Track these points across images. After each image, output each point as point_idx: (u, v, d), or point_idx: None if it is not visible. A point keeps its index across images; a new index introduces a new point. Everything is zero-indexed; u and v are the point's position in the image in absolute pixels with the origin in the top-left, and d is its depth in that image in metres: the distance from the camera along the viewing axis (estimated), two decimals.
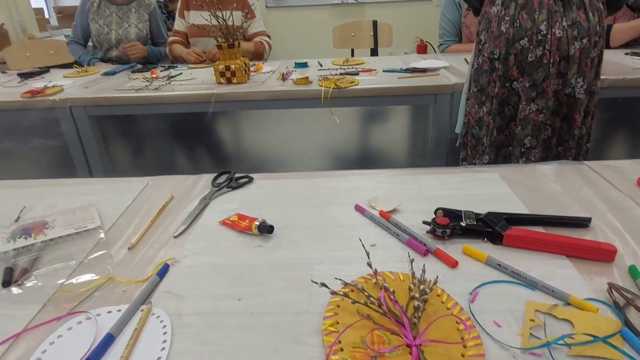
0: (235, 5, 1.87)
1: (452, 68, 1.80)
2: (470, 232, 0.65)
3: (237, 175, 0.89)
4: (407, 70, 1.81)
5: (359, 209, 0.75)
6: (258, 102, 1.65)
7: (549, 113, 1.21)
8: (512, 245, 0.62)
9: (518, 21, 1.16)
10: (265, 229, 0.68)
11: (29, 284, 0.59)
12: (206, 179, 0.91)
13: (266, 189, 0.85)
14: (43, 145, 1.72)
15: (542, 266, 0.58)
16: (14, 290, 0.58)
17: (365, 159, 2.27)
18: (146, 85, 1.75)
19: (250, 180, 0.88)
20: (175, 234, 0.71)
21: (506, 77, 1.22)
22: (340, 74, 1.82)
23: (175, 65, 2.23)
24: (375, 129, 2.31)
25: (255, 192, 0.84)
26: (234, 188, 0.85)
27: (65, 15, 4.46)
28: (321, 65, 2.06)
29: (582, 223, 0.66)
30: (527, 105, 1.20)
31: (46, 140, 1.71)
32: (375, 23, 2.97)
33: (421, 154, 2.08)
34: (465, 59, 1.95)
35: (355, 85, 1.64)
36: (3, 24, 3.51)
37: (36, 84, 1.85)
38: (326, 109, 1.64)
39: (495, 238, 0.63)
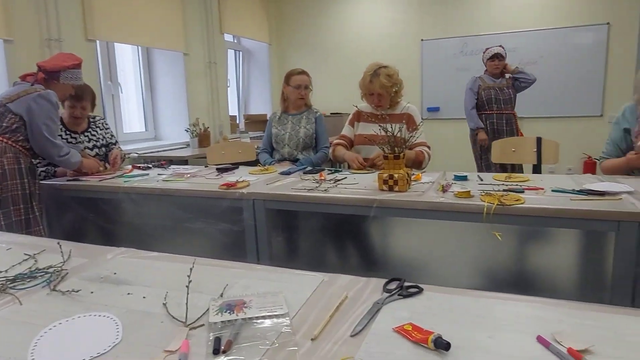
0: (403, 121, 2.05)
1: (639, 194, 1.63)
2: None
3: (407, 284, 0.92)
4: (581, 192, 1.70)
5: (542, 341, 0.70)
6: (418, 211, 1.70)
7: None
8: None
9: None
10: (442, 345, 0.68)
11: (233, 356, 0.68)
12: (376, 283, 0.95)
13: (436, 302, 0.85)
14: (226, 229, 2.01)
15: None
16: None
17: (521, 282, 2.08)
18: (316, 187, 1.96)
19: (421, 290, 0.90)
20: (352, 333, 0.75)
21: None
22: (504, 190, 1.79)
23: (340, 169, 2.47)
24: (536, 251, 2.14)
25: (426, 303, 0.85)
26: (404, 296, 0.88)
27: (251, 121, 5.36)
28: (482, 180, 2.06)
29: None
30: None
31: (229, 225, 2.00)
32: (539, 140, 2.90)
33: (595, 287, 1.84)
34: None
35: (521, 203, 1.59)
36: (208, 127, 4.39)
37: (229, 178, 2.23)
38: (485, 224, 1.61)
39: None
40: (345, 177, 2.17)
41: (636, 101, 2.05)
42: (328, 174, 2.29)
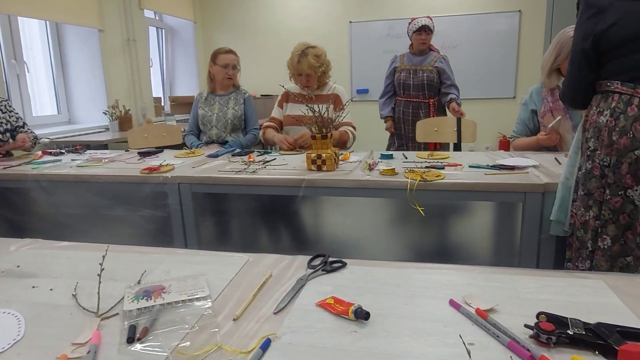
0: (330, 102, 2.07)
1: (543, 167, 1.78)
2: (577, 343, 0.62)
3: (331, 259, 0.93)
4: (494, 167, 1.82)
5: (454, 304, 0.75)
6: (346, 189, 1.73)
7: None
8: None
9: (631, 132, 1.16)
10: (362, 315, 0.70)
11: (149, 343, 0.65)
12: (301, 260, 0.96)
13: (359, 275, 0.88)
14: (150, 215, 1.92)
15: None
16: (138, 347, 0.64)
17: (443, 252, 2.22)
18: (245, 168, 1.93)
19: (344, 265, 0.91)
20: (275, 311, 0.75)
21: (618, 185, 1.19)
22: (426, 167, 1.87)
23: (269, 150, 2.44)
24: (456, 223, 2.28)
25: (349, 277, 0.87)
26: (328, 271, 0.89)
27: (177, 103, 5.12)
28: (406, 158, 2.13)
29: None
30: None
31: (153, 211, 1.91)
32: (459, 120, 3.05)
33: (507, 253, 2.00)
34: (556, 158, 1.93)
35: (442, 179, 1.67)
36: (129, 110, 4.12)
37: (152, 162, 2.12)
38: (410, 200, 1.68)
39: (608, 352, 0.60)
40: (275, 159, 2.15)
41: (542, 83, 2.22)
42: (257, 155, 2.26)
